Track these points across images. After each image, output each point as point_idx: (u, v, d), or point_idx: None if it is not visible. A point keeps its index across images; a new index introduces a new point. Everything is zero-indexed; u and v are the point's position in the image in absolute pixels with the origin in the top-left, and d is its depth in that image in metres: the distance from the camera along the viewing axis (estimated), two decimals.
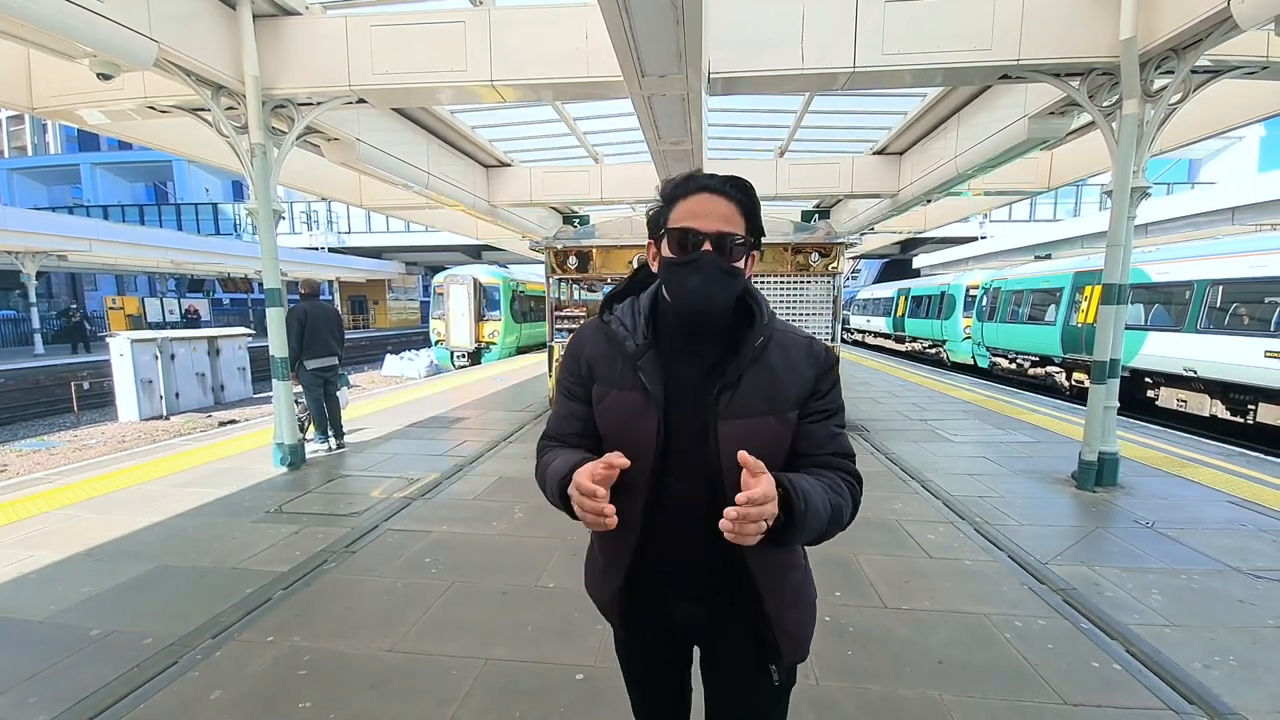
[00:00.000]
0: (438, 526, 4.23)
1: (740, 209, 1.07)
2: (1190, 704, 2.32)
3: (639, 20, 3.57)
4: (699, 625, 1.21)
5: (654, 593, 1.20)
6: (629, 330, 1.15)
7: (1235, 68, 4.71)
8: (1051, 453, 6.20)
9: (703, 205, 1.06)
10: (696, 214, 1.06)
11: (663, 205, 1.12)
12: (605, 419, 1.17)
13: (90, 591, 3.26)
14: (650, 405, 1.10)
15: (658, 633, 1.26)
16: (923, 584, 3.34)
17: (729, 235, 1.06)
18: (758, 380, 1.09)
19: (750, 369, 1.09)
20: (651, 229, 1.16)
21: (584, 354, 1.21)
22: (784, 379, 1.11)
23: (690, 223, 1.06)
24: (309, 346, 6.16)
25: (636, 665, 1.36)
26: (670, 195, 1.11)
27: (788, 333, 1.16)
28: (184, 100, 5.40)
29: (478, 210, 10.61)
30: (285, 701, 2.36)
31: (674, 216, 1.09)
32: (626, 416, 1.13)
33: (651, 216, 1.15)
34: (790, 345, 1.14)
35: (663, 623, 1.23)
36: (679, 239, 1.07)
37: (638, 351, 1.12)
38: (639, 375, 1.11)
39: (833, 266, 7.73)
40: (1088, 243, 20.09)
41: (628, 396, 1.13)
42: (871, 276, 39.81)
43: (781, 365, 1.11)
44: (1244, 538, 3.95)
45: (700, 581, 1.17)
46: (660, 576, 1.18)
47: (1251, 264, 8.62)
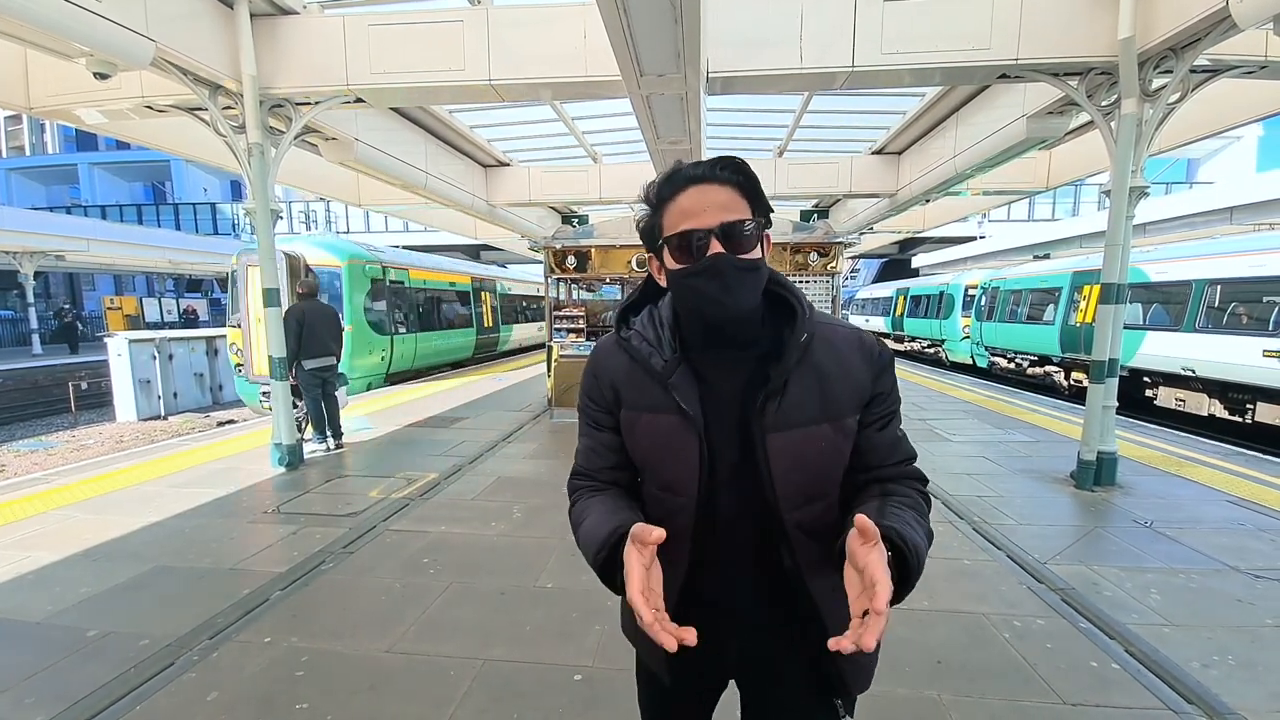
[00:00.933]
0: (436, 527, 4.22)
1: (739, 190, 0.94)
2: (1189, 704, 2.32)
3: (637, 20, 3.57)
4: (751, 659, 1.09)
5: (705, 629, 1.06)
6: (653, 345, 1.02)
7: (1234, 67, 4.71)
8: (1050, 452, 6.20)
9: (697, 199, 0.93)
10: (692, 211, 0.93)
11: (652, 211, 0.99)
12: (639, 447, 1.05)
13: (88, 592, 3.25)
14: (689, 428, 0.97)
15: (705, 672, 1.12)
16: (921, 583, 3.28)
17: (736, 224, 0.92)
18: (806, 384, 0.96)
19: (796, 371, 0.96)
20: (647, 241, 1.02)
21: (605, 377, 1.07)
22: (836, 380, 0.97)
23: (689, 223, 0.93)
24: (306, 347, 6.15)
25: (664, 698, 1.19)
26: (658, 198, 0.97)
27: (832, 326, 1.01)
28: (181, 100, 5.39)
29: (476, 210, 10.60)
30: (283, 702, 2.35)
31: (669, 221, 0.95)
32: (663, 443, 1.01)
33: (644, 228, 1.01)
34: (838, 341, 1.00)
35: (714, 660, 1.08)
36: (680, 244, 0.94)
37: (667, 368, 0.99)
38: (671, 395, 0.97)
39: (831, 266, 7.73)
40: (1086, 242, 20.12)
41: (662, 420, 0.99)
42: (870, 276, 39.81)
43: (832, 364, 0.97)
44: (1243, 537, 3.95)
45: (756, 613, 1.05)
46: (711, 611, 1.04)
47: (1249, 263, 8.63)
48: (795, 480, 0.96)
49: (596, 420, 1.10)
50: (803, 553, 0.99)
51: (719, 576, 1.04)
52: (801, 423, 0.95)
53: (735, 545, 1.02)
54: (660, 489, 1.05)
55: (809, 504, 0.98)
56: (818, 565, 0.99)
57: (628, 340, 1.04)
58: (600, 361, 1.09)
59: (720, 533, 1.01)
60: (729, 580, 1.05)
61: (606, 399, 1.07)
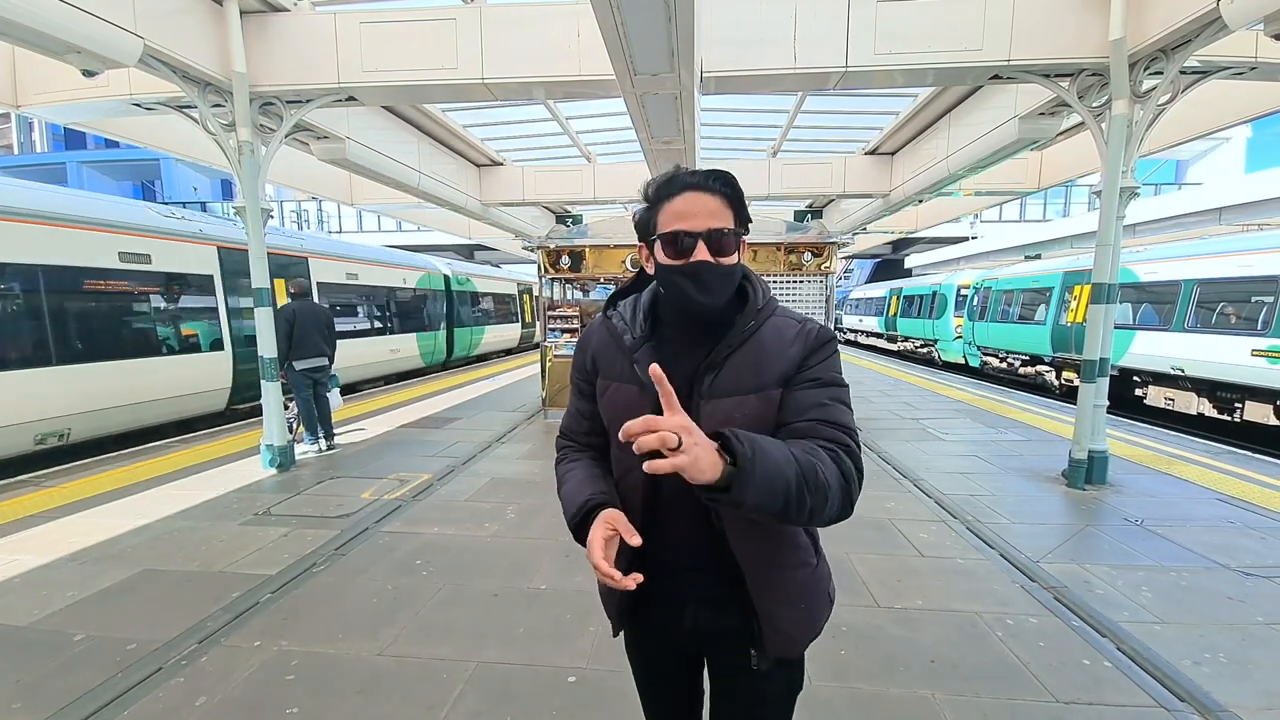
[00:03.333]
0: (429, 528, 4.19)
1: (726, 201, 1.07)
2: (1181, 701, 2.33)
3: (630, 19, 3.56)
4: (705, 626, 1.19)
5: (661, 591, 1.17)
6: (628, 324, 1.18)
7: (1224, 68, 4.75)
8: (1042, 451, 6.23)
9: (690, 204, 1.06)
10: (685, 214, 1.06)
11: (649, 207, 1.12)
12: (606, 413, 1.19)
13: (74, 596, 3.20)
14: (644, 397, 1.08)
15: (666, 633, 1.25)
16: (915, 583, 3.34)
17: (720, 231, 1.06)
18: (744, 360, 1.09)
19: (739, 351, 1.09)
20: (641, 233, 1.16)
21: (589, 348, 1.24)
22: (770, 358, 1.09)
23: (680, 225, 1.06)
24: (298, 347, 6.10)
25: (647, 666, 1.35)
26: (656, 196, 1.11)
27: (786, 318, 1.15)
28: (170, 97, 5.34)
29: (470, 210, 10.56)
30: (272, 707, 2.32)
31: (662, 219, 1.09)
32: (623, 410, 1.09)
33: (640, 220, 1.15)
34: (784, 327, 1.13)
35: (671, 621, 1.21)
36: (671, 242, 1.08)
37: (634, 344, 1.15)
38: (634, 368, 1.12)
39: (825, 266, 7.74)
40: (1077, 243, 20.27)
41: (624, 389, 1.14)
42: (864, 276, 39.92)
43: (771, 346, 1.10)
44: (1232, 535, 3.98)
45: (703, 579, 1.16)
46: (666, 575, 1.15)
47: (1238, 264, 8.70)
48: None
49: (580, 388, 1.27)
50: (728, 516, 1.07)
51: (671, 544, 1.15)
52: (732, 393, 1.08)
53: (681, 512, 1.12)
54: (619, 448, 1.17)
55: None
56: (742, 530, 1.09)
57: (610, 319, 1.22)
58: (588, 335, 1.27)
59: (667, 503, 1.13)
60: (679, 547, 1.15)
61: (587, 369, 1.24)
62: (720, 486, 0.87)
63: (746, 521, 1.07)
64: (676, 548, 1.15)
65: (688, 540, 1.14)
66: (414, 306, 14.40)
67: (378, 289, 12.81)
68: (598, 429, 1.24)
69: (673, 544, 1.15)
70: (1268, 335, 7.93)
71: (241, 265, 7.54)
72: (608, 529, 1.02)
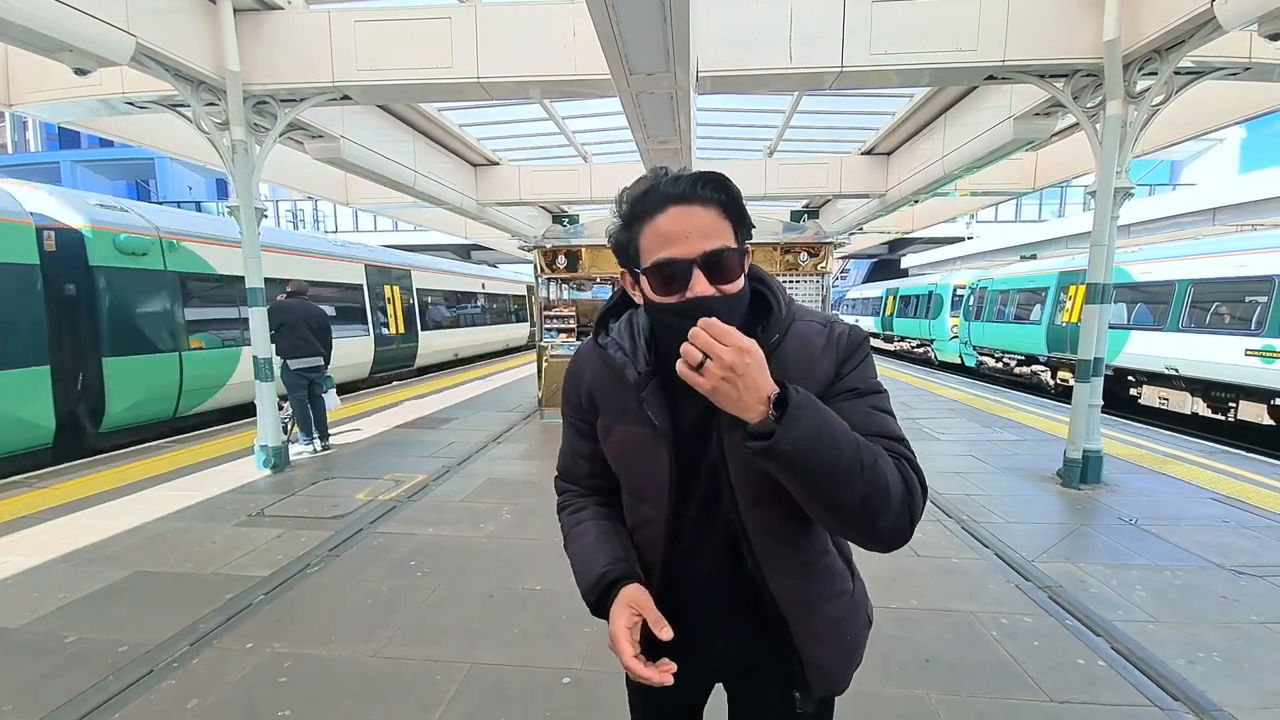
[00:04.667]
0: (424, 529, 4.18)
1: (722, 210, 0.88)
2: (1175, 700, 2.33)
3: (626, 18, 3.55)
4: (735, 665, 1.10)
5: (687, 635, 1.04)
6: (628, 355, 0.99)
7: (1218, 69, 4.77)
8: (1037, 451, 6.25)
9: (677, 223, 0.86)
10: (673, 237, 0.86)
11: (624, 226, 0.92)
12: (613, 456, 1.06)
13: (66, 598, 3.18)
14: (659, 442, 0.96)
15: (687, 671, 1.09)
16: (910, 582, 3.34)
17: (719, 252, 0.86)
18: None
19: None
20: (621, 258, 0.95)
21: (584, 383, 1.07)
22: (799, 377, 0.89)
23: (668, 251, 0.86)
24: (292, 346, 6.08)
25: (650, 698, 1.19)
26: (631, 215, 0.90)
27: (806, 322, 0.98)
28: (164, 96, 5.31)
29: (466, 209, 10.54)
30: (264, 710, 2.30)
31: (645, 243, 0.89)
32: (636, 457, 1.01)
33: (617, 244, 0.94)
34: (808, 335, 0.96)
35: (696, 661, 1.08)
36: (660, 274, 0.88)
37: (640, 381, 0.97)
38: (643, 408, 0.96)
39: (822, 266, 7.75)
40: (1072, 243, 20.31)
41: (634, 433, 0.99)
42: (860, 276, 40.01)
43: (798, 360, 0.93)
44: (1226, 534, 4.00)
45: (734, 620, 1.06)
46: (691, 618, 1.04)
47: (1232, 264, 8.74)
48: (752, 479, 0.92)
49: (576, 426, 1.12)
50: (764, 554, 0.97)
51: (691, 585, 1.05)
52: None
53: (706, 550, 1.02)
54: (633, 498, 1.08)
55: (767, 504, 0.94)
56: (781, 568, 0.98)
57: (604, 348, 1.03)
58: (580, 367, 1.09)
59: (689, 539, 1.02)
60: (700, 587, 1.05)
61: (584, 407, 1.08)
62: (761, 433, 0.77)
63: (784, 553, 0.97)
64: (702, 594, 1.05)
65: (714, 586, 1.04)
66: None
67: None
68: (599, 469, 1.11)
69: (697, 591, 1.05)
70: (1261, 335, 7.97)
71: (379, 276, 12.95)
72: (631, 615, 0.91)
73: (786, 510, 0.93)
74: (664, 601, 1.01)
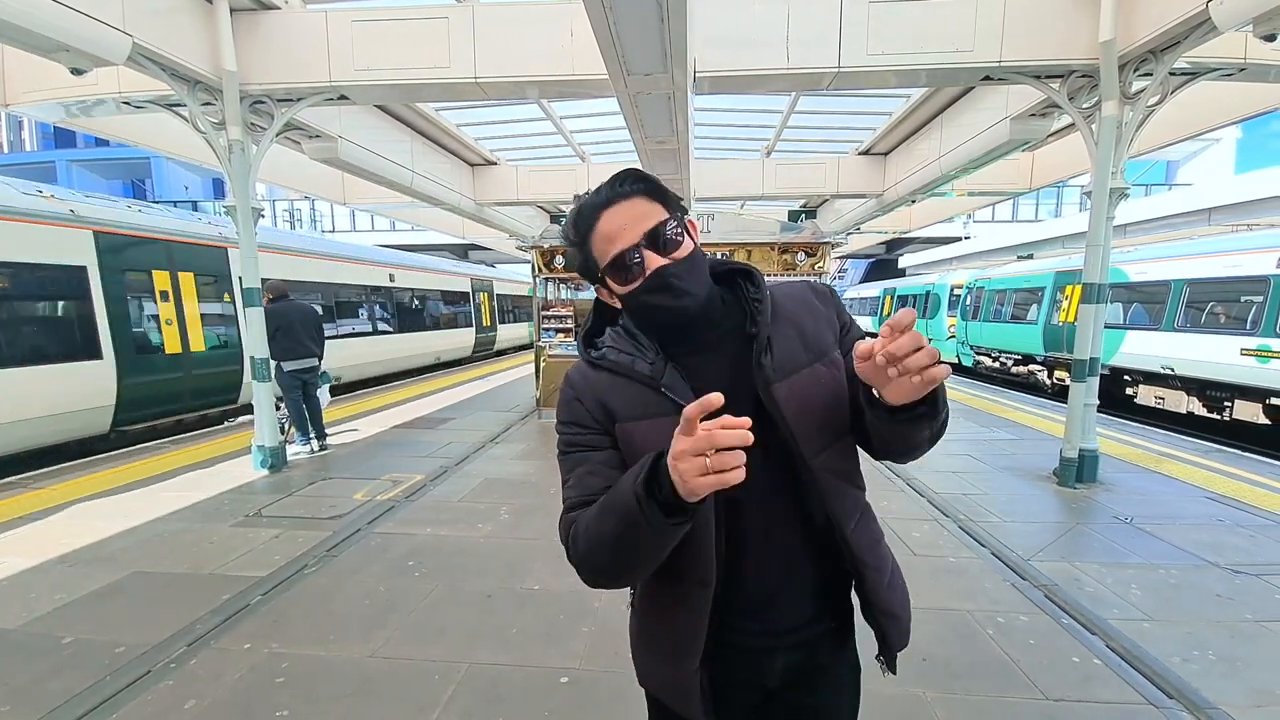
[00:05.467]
0: (422, 529, 4.18)
1: (647, 195, 0.96)
2: (1170, 698, 2.35)
3: (623, 19, 3.55)
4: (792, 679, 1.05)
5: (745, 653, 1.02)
6: (634, 353, 1.00)
7: (1213, 70, 4.79)
8: (1033, 450, 6.27)
9: (613, 221, 0.94)
10: (613, 234, 0.94)
11: (578, 248, 0.99)
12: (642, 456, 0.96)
13: (63, 599, 3.17)
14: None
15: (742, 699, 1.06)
16: (908, 581, 3.34)
17: (657, 227, 0.94)
18: (786, 334, 1.00)
19: (773, 327, 1.00)
20: (588, 277, 1.03)
21: (590, 397, 1.00)
22: (809, 323, 1.02)
23: (616, 246, 0.94)
24: (287, 348, 6.07)
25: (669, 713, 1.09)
26: (578, 235, 0.98)
27: (785, 285, 1.09)
28: (160, 96, 5.30)
29: (463, 209, 10.54)
30: (262, 710, 2.31)
31: (598, 251, 0.96)
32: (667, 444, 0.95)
33: (579, 267, 1.02)
34: (796, 291, 1.07)
35: (753, 685, 1.04)
36: (619, 267, 0.95)
37: (655, 370, 0.97)
38: (666, 396, 0.95)
39: (819, 266, 7.77)
40: (1068, 243, 20.38)
41: (663, 424, 0.89)
42: (858, 276, 40.06)
43: (801, 312, 1.03)
44: (1221, 533, 4.02)
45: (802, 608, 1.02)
46: (751, 626, 1.00)
47: (1227, 264, 8.78)
48: (809, 422, 0.96)
49: (590, 444, 1.00)
50: (832, 497, 0.98)
51: (755, 571, 0.99)
52: (796, 367, 0.98)
53: (764, 526, 0.98)
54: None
55: (828, 446, 0.98)
56: (848, 510, 1.00)
57: (601, 358, 1.02)
58: (579, 386, 1.03)
59: (746, 519, 0.97)
60: (766, 571, 1.00)
61: (598, 418, 1.00)
62: (924, 398, 0.82)
63: (848, 493, 1.02)
64: (765, 580, 1.00)
65: (780, 564, 1.00)
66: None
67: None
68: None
69: (760, 576, 1.00)
70: (1257, 335, 8.00)
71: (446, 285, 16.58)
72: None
73: (841, 448, 1.01)
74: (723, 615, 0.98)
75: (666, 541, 0.84)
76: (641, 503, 0.79)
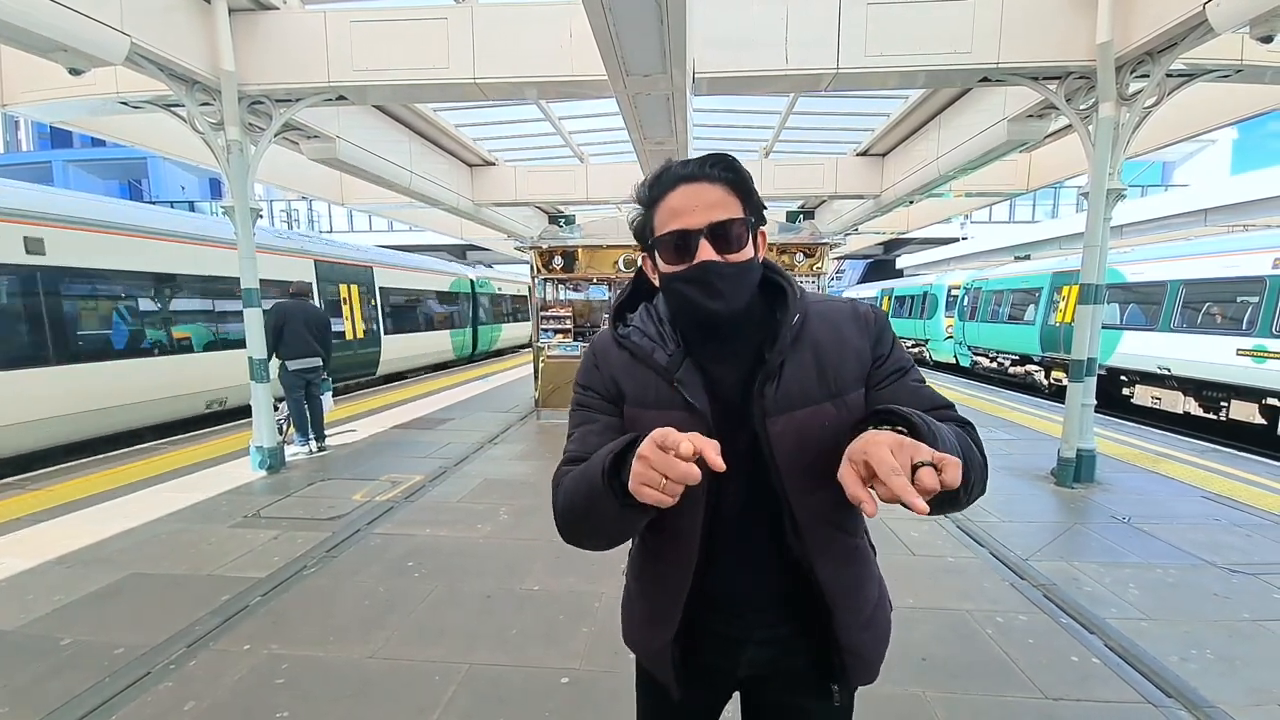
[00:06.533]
0: (421, 530, 4.17)
1: (731, 188, 0.92)
2: (1168, 697, 2.36)
3: (622, 20, 3.56)
4: (761, 673, 1.08)
5: (718, 638, 1.05)
6: (655, 340, 0.99)
7: (1210, 71, 4.81)
8: (1031, 450, 6.29)
9: (686, 199, 0.91)
10: (681, 211, 0.91)
11: (644, 211, 0.98)
12: None
13: (61, 600, 3.17)
14: (698, 423, 0.92)
15: (711, 678, 1.10)
16: (906, 581, 3.36)
17: (724, 223, 0.90)
18: (803, 363, 0.94)
19: (792, 352, 0.94)
20: (640, 240, 1.01)
21: (607, 370, 1.03)
22: (834, 355, 0.95)
23: (678, 224, 0.91)
24: (289, 347, 6.06)
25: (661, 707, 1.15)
26: (650, 197, 0.96)
27: (826, 303, 1.01)
28: (158, 96, 5.29)
29: (462, 210, 10.53)
30: (262, 712, 2.30)
31: (659, 220, 0.94)
32: None
33: (636, 227, 1.00)
34: (833, 315, 0.99)
35: (722, 667, 1.08)
36: (669, 245, 0.93)
37: (672, 363, 0.96)
38: (679, 390, 0.95)
39: (818, 267, 7.79)
40: (1065, 244, 20.41)
41: (670, 417, 0.92)
42: (855, 276, 40.10)
43: (829, 340, 0.96)
44: (1218, 532, 4.03)
45: (770, 614, 1.03)
46: (723, 618, 1.04)
47: (1223, 264, 8.81)
48: (801, 463, 0.93)
49: (598, 408, 1.03)
50: (812, 539, 0.96)
51: (729, 574, 1.01)
52: (802, 403, 0.93)
53: (745, 539, 1.00)
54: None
55: (817, 489, 0.92)
56: (828, 552, 0.98)
57: (626, 337, 1.02)
58: (601, 354, 1.05)
59: (730, 527, 0.98)
60: (739, 577, 1.02)
61: (610, 391, 1.03)
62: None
63: (832, 537, 0.98)
64: (738, 584, 1.02)
65: (753, 575, 1.01)
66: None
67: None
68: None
69: (734, 582, 1.02)
70: (1253, 335, 8.03)
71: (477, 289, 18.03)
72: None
73: (834, 495, 0.86)
74: (697, 602, 1.01)
75: (627, 523, 0.86)
76: (606, 480, 0.82)
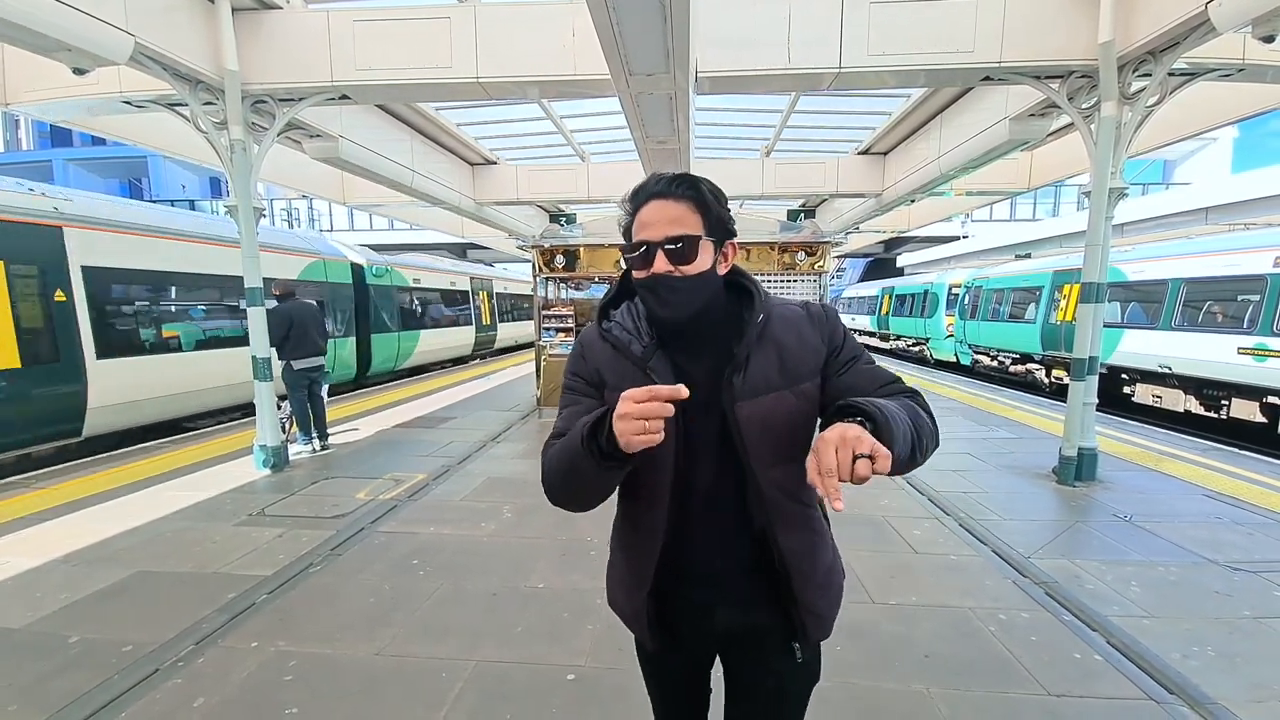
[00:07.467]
0: (425, 528, 4.19)
1: (692, 205, 1.05)
2: (1170, 694, 2.37)
3: (626, 19, 3.56)
4: (734, 631, 1.19)
5: (689, 601, 1.17)
6: (632, 334, 1.13)
7: (1211, 70, 4.81)
8: (1033, 448, 6.30)
9: (653, 213, 1.05)
10: (647, 224, 1.05)
11: (629, 217, 1.11)
12: None
13: (68, 598, 3.18)
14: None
15: (691, 639, 1.22)
16: (909, 579, 3.38)
17: (678, 238, 1.03)
18: (766, 356, 1.08)
19: (758, 347, 1.08)
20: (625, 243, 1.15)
21: (591, 360, 1.17)
22: (794, 351, 1.09)
23: (643, 234, 1.05)
24: (297, 346, 6.09)
25: (665, 677, 1.33)
26: (631, 209, 1.09)
27: (785, 306, 1.15)
28: (161, 95, 5.29)
29: (463, 209, 10.53)
30: (271, 708, 2.32)
31: (634, 230, 1.08)
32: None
33: (623, 230, 1.13)
34: (791, 317, 1.13)
35: (701, 631, 1.20)
36: (634, 253, 1.07)
37: (645, 354, 1.10)
38: (650, 377, 1.07)
39: (819, 265, 7.79)
40: (1066, 242, 20.43)
41: None
42: (856, 275, 40.09)
43: (788, 338, 1.10)
44: (1219, 530, 4.05)
45: (734, 582, 1.15)
46: (694, 583, 1.15)
47: (1224, 263, 8.82)
48: (766, 443, 1.06)
49: (584, 392, 1.17)
50: (775, 511, 1.09)
51: (702, 549, 1.14)
52: (765, 391, 1.06)
53: (713, 509, 1.11)
54: (641, 465, 1.07)
55: (781, 465, 1.08)
56: (788, 522, 1.10)
57: (609, 332, 1.15)
58: (587, 346, 1.19)
59: (700, 501, 1.11)
60: (712, 552, 1.14)
61: (594, 378, 1.16)
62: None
63: (792, 508, 1.10)
64: (707, 552, 1.14)
65: (720, 542, 1.13)
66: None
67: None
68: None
69: (706, 554, 1.14)
70: (1253, 333, 8.04)
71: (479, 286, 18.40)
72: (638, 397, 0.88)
73: (795, 470, 1.06)
74: (672, 571, 1.13)
75: (605, 481, 1.01)
76: (585, 444, 0.95)
